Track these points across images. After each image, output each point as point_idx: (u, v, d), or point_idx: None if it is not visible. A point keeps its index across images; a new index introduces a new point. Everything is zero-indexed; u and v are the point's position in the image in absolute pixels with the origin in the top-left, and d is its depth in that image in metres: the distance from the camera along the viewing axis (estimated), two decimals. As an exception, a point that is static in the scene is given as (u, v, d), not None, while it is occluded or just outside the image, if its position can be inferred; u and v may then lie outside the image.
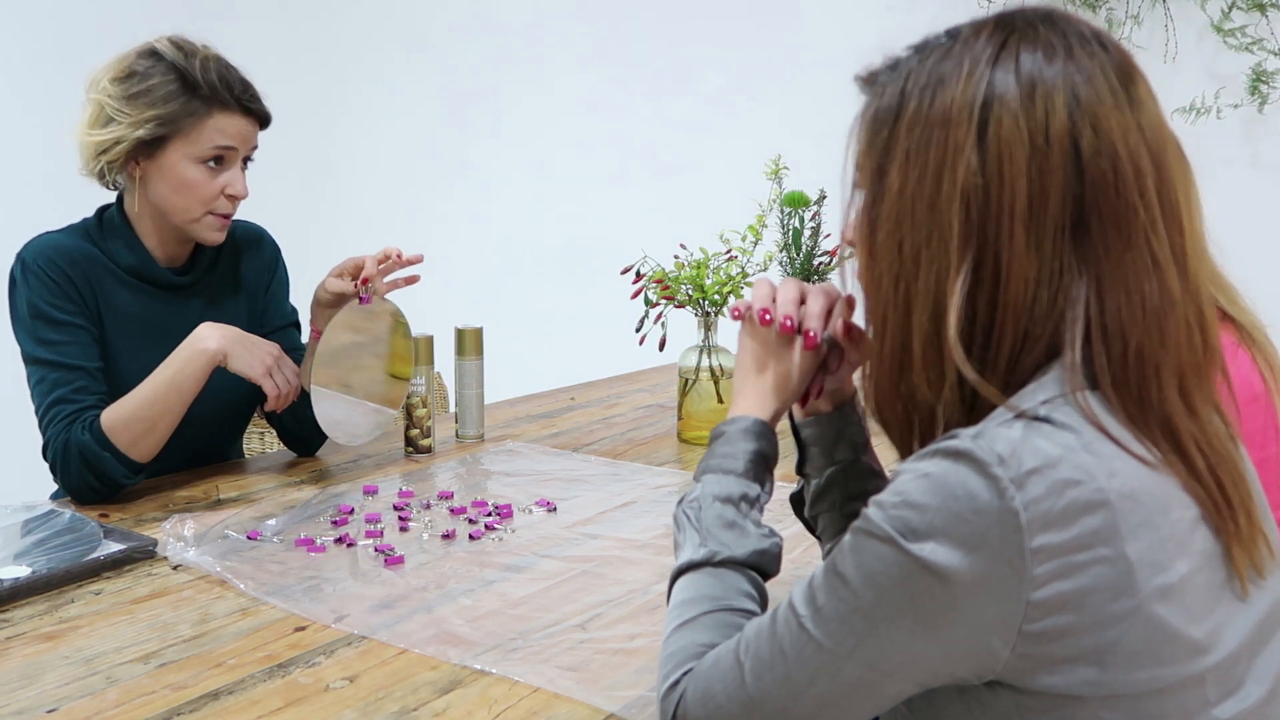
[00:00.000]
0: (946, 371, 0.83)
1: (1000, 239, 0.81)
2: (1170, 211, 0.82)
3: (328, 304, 1.75)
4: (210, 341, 1.64)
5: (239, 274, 1.87)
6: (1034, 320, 0.82)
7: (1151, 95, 0.85)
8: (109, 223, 1.76)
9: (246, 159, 1.75)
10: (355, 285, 1.73)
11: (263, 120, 1.74)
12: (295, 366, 1.75)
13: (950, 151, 0.83)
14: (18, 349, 1.69)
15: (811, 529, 1.17)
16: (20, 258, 1.71)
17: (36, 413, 1.66)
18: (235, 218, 1.87)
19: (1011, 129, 0.81)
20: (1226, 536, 0.82)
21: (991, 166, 0.81)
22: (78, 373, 1.65)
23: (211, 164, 1.69)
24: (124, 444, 1.60)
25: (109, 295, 1.73)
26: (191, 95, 1.66)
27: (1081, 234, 0.81)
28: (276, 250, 1.95)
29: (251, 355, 1.67)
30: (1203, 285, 0.84)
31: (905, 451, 0.89)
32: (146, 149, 1.68)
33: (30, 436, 1.71)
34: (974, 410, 0.83)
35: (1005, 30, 0.85)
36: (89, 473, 1.60)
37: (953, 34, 0.87)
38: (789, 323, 1.05)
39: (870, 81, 0.91)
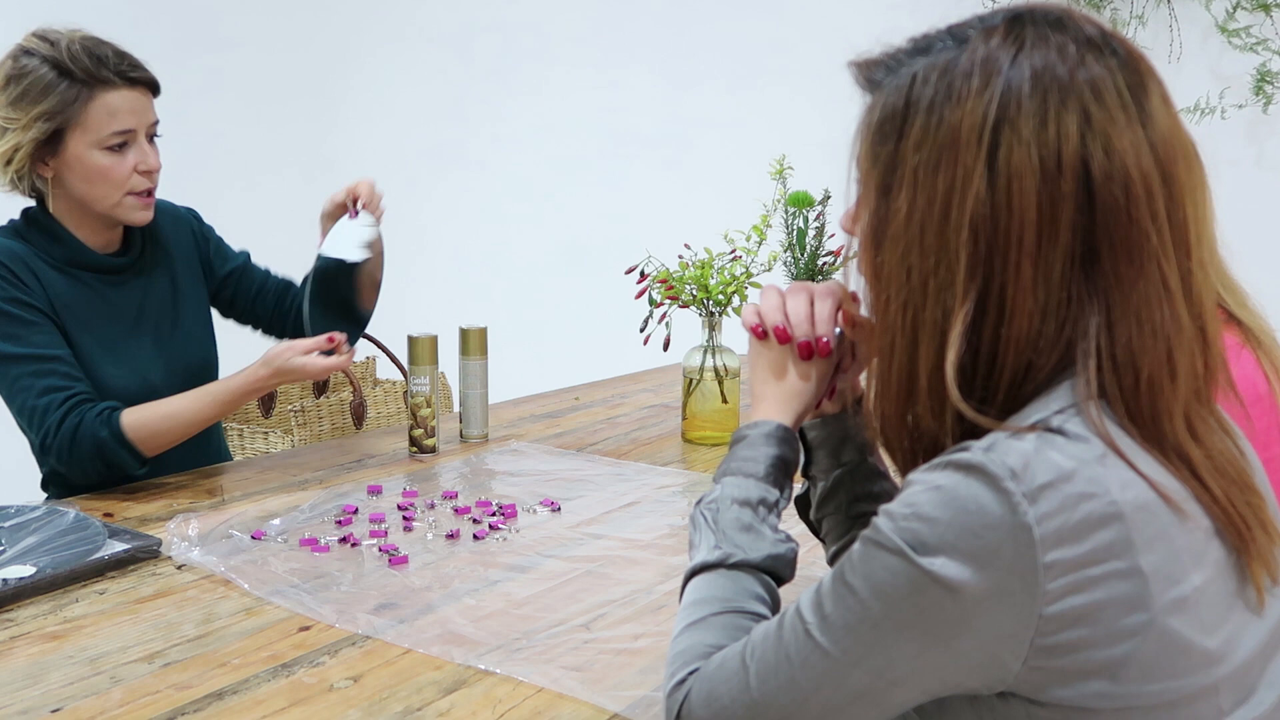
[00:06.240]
0: (948, 404, 0.82)
1: (1006, 272, 0.79)
2: (1179, 231, 0.80)
3: (328, 214, 1.86)
4: (263, 381, 1.71)
5: (168, 248, 1.88)
6: (1037, 352, 0.80)
7: (1164, 100, 0.82)
8: (35, 222, 1.75)
9: (152, 131, 1.73)
10: (347, 200, 1.84)
11: (150, 87, 1.72)
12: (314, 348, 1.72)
13: (959, 178, 0.80)
14: None
15: (815, 531, 1.17)
16: None
17: (23, 407, 1.64)
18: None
19: (1023, 157, 0.78)
20: (1247, 558, 0.81)
21: (1000, 196, 0.79)
22: (56, 361, 1.65)
23: (115, 147, 1.68)
24: (142, 443, 1.65)
25: (52, 285, 1.71)
26: (70, 81, 1.65)
27: (1091, 262, 0.79)
28: (196, 216, 1.98)
29: (298, 375, 1.73)
30: (1207, 300, 0.82)
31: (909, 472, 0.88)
32: (47, 148, 1.67)
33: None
34: (975, 435, 0.80)
35: (1015, 40, 0.81)
36: (100, 463, 1.65)
37: (958, 37, 0.84)
38: (807, 342, 1.04)
39: (867, 75, 0.88)
